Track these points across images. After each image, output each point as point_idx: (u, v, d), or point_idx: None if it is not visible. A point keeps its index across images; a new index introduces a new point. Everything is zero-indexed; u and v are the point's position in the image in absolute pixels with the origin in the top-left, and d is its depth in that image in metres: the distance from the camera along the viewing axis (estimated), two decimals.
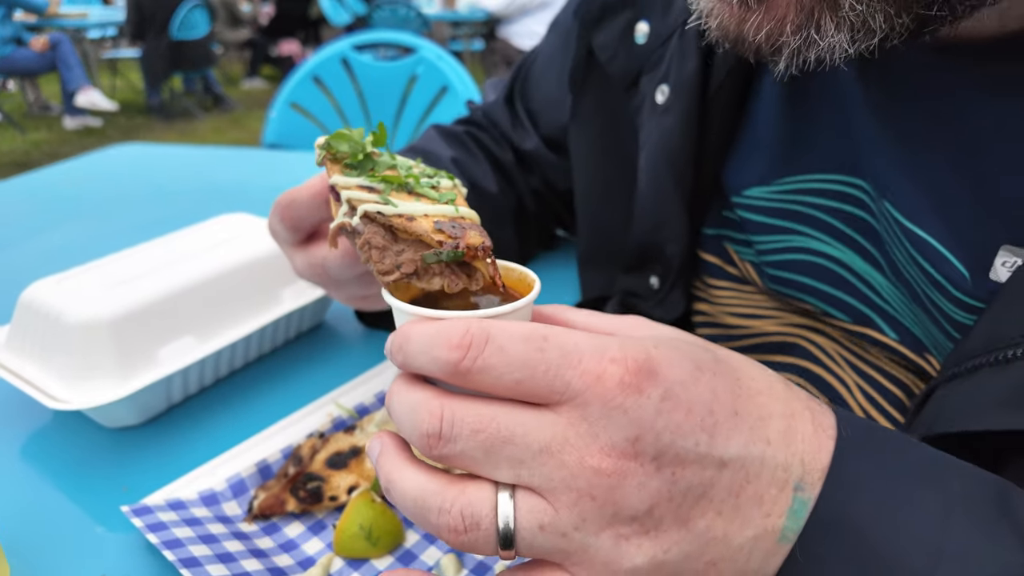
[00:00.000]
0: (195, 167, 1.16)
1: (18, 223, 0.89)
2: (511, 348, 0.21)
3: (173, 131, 4.71)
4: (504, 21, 4.88)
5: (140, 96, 5.59)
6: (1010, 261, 0.31)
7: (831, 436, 0.22)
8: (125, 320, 0.45)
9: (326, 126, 1.39)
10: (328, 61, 1.38)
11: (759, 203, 0.42)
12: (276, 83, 6.39)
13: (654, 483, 0.20)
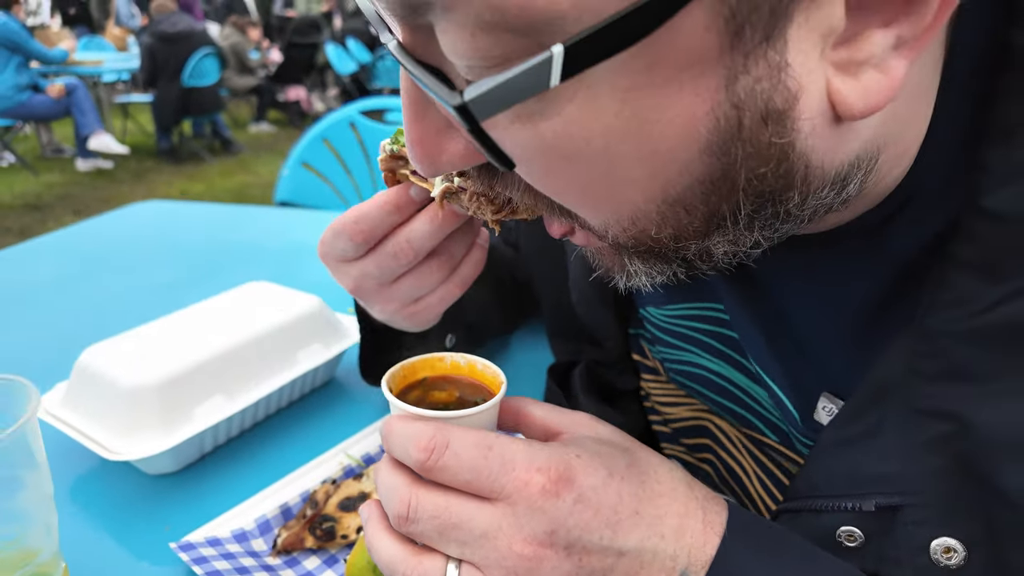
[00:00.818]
0: (213, 224, 1.26)
1: (50, 278, 0.98)
2: (463, 454, 0.30)
3: (181, 174, 4.85)
4: None
5: (150, 139, 5.75)
6: (828, 407, 0.37)
7: (718, 532, 0.30)
8: (168, 384, 0.53)
9: (334, 183, 1.49)
10: (337, 124, 1.49)
11: (656, 321, 0.49)
12: (282, 127, 6.59)
13: (565, 566, 0.28)
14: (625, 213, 0.27)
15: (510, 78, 0.20)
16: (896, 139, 0.28)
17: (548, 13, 0.19)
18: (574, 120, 0.22)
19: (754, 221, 0.27)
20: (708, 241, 0.28)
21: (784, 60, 0.21)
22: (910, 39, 0.22)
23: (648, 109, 0.22)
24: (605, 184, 0.25)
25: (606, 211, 0.27)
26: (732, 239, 0.28)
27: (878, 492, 0.31)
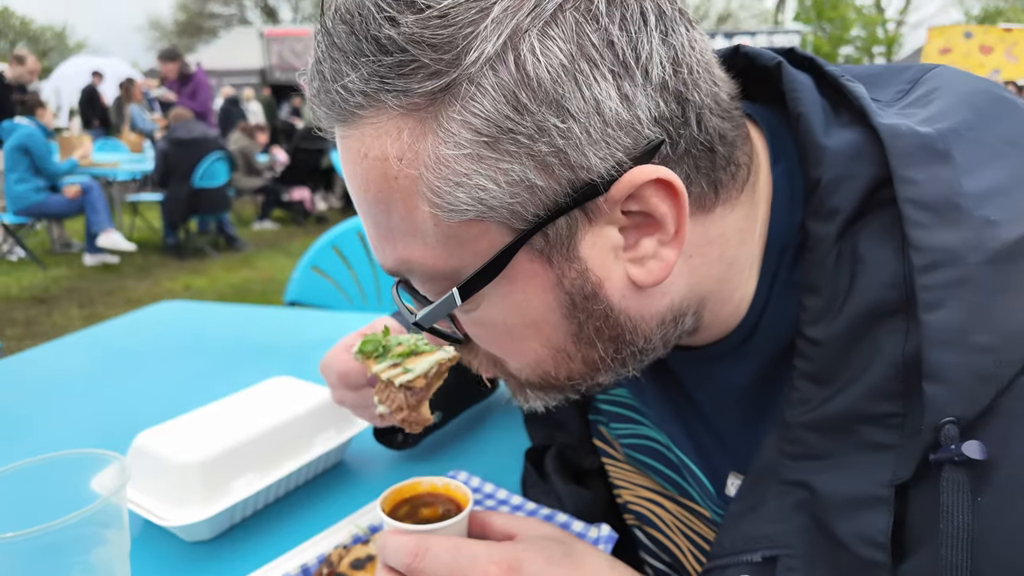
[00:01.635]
0: (229, 323, 1.39)
1: (86, 371, 1.09)
2: (440, 556, 0.44)
3: (185, 269, 5.04)
4: None
5: (157, 235, 6.00)
6: (735, 483, 0.47)
7: None
8: (210, 463, 0.65)
9: (341, 286, 1.64)
10: (346, 233, 1.67)
11: (614, 399, 0.60)
12: (285, 225, 6.88)
13: None
14: (530, 360, 0.43)
15: (436, 306, 0.40)
16: (718, 289, 0.43)
17: (447, 274, 0.38)
18: (484, 312, 0.40)
19: (621, 360, 0.43)
20: (594, 378, 0.44)
21: (585, 266, 0.38)
22: (669, 240, 0.38)
23: (520, 301, 0.39)
24: (514, 342, 0.42)
25: (519, 359, 0.43)
26: (612, 374, 0.44)
27: (763, 547, 0.40)
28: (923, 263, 0.34)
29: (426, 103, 0.34)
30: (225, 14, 30.57)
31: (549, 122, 0.33)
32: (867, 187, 0.38)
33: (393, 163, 0.35)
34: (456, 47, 0.32)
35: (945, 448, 0.32)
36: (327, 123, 0.38)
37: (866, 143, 0.38)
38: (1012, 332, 0.33)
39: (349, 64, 0.34)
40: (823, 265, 0.38)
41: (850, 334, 0.37)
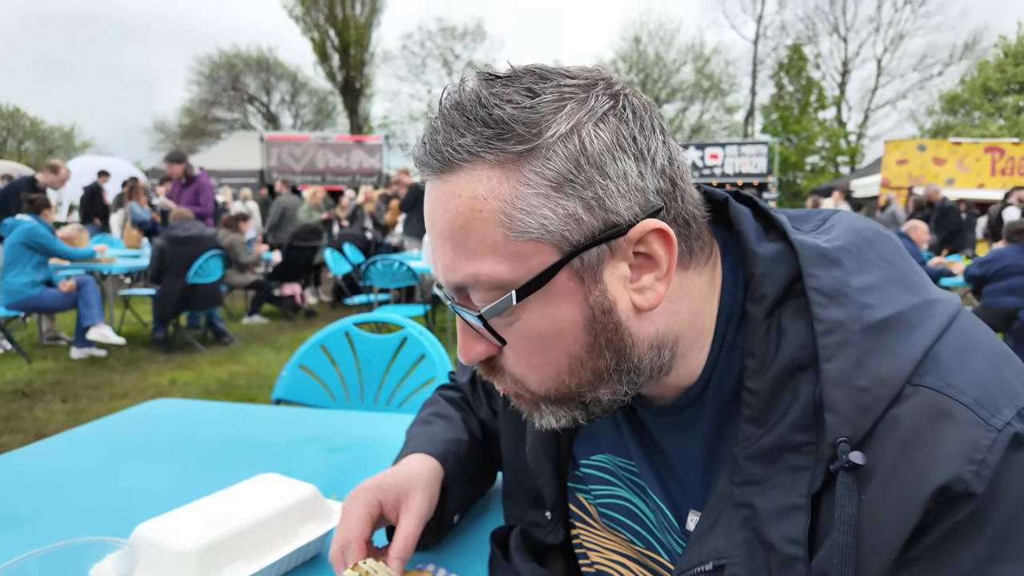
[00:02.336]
0: (218, 421, 1.47)
1: (82, 468, 1.16)
2: None
3: (172, 363, 5.07)
4: None
5: (145, 329, 6.06)
6: (694, 519, 0.58)
7: None
8: (206, 551, 0.72)
9: (328, 385, 1.73)
10: (334, 334, 1.78)
11: (592, 463, 0.71)
12: (274, 319, 6.98)
13: None
14: (550, 370, 0.54)
15: (498, 302, 0.51)
16: (687, 333, 0.56)
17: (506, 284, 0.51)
18: (524, 321, 0.52)
19: (619, 374, 0.54)
20: (597, 390, 0.55)
21: (605, 288, 0.51)
22: (662, 277, 0.52)
23: (554, 312, 0.52)
24: (541, 351, 0.54)
25: (541, 370, 0.55)
26: (611, 389, 0.55)
27: (713, 558, 0.52)
28: (821, 330, 0.49)
29: (513, 159, 0.49)
30: (228, 119, 32.12)
31: (595, 179, 0.49)
32: (785, 281, 0.53)
33: (480, 199, 0.50)
34: (540, 127, 0.49)
35: (840, 460, 0.46)
36: (427, 174, 0.53)
37: (785, 252, 0.55)
38: (881, 378, 0.46)
39: (459, 133, 0.50)
40: (757, 334, 0.53)
41: (777, 384, 0.51)
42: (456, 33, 29.84)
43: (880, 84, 26.90)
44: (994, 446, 0.43)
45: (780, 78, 26.35)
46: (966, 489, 0.43)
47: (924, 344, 0.48)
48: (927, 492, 0.43)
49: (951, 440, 0.44)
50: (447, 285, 0.55)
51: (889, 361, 0.47)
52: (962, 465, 0.43)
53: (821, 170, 25.56)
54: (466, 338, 0.57)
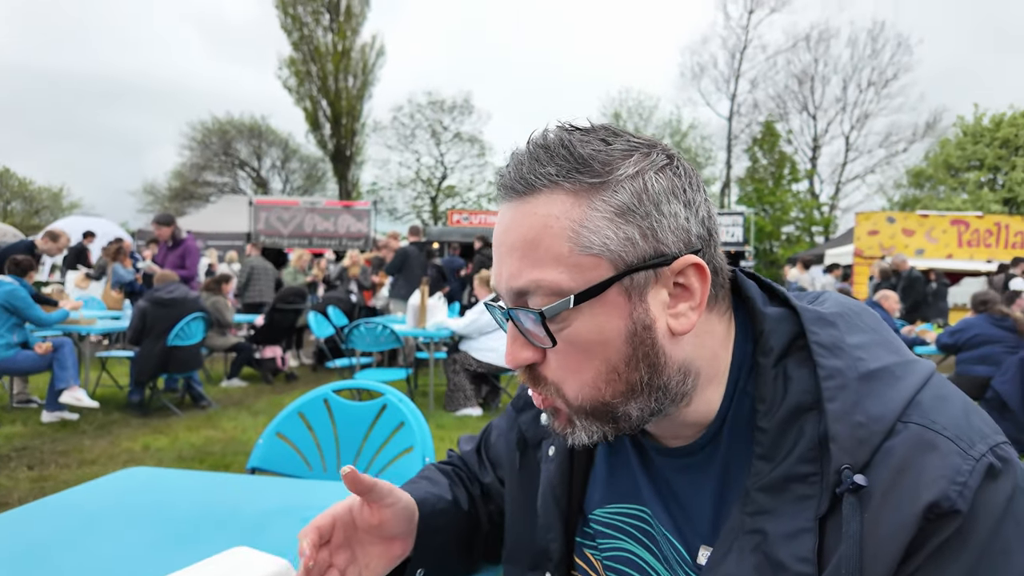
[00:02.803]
0: (191, 491, 1.45)
1: (52, 539, 1.14)
2: None
3: (147, 427, 4.95)
4: (465, 338, 5.63)
5: (120, 392, 5.93)
6: (705, 554, 0.63)
7: None
8: None
9: (304, 453, 1.73)
10: (313, 401, 1.79)
11: (601, 518, 0.75)
12: (253, 383, 6.88)
13: None
14: (589, 378, 0.60)
15: (559, 303, 0.58)
16: (706, 369, 0.64)
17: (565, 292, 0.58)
18: (573, 328, 0.59)
19: (650, 390, 0.61)
20: (629, 403, 0.61)
21: (648, 307, 0.59)
22: (695, 307, 0.61)
23: (602, 321, 0.59)
24: (587, 356, 0.60)
25: (581, 377, 0.60)
26: (640, 404, 0.61)
27: None
28: (824, 375, 0.57)
29: (587, 189, 0.59)
30: (218, 183, 32.54)
31: (652, 213, 0.59)
32: (789, 338, 0.62)
33: (553, 218, 0.59)
34: (612, 166, 0.60)
35: (845, 483, 0.53)
36: (509, 197, 0.62)
37: (788, 314, 0.64)
38: (875, 416, 0.55)
39: (542, 164, 0.60)
40: (766, 381, 0.61)
41: (785, 423, 0.58)
42: (445, 106, 30.83)
43: (849, 159, 28.14)
44: (974, 472, 0.51)
45: (754, 152, 27.51)
46: (952, 507, 0.50)
47: (909, 392, 0.56)
48: (919, 508, 0.50)
49: (937, 466, 0.52)
50: (509, 291, 0.62)
51: (881, 403, 0.55)
52: (948, 486, 0.50)
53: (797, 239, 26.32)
54: (515, 345, 0.63)
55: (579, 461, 0.78)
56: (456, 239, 13.03)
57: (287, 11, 24.10)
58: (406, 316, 6.22)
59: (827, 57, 27.55)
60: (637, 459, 0.72)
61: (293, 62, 24.45)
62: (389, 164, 31.68)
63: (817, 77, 27.73)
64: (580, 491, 0.77)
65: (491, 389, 5.86)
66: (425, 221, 31.32)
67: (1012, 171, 21.73)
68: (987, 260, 11.58)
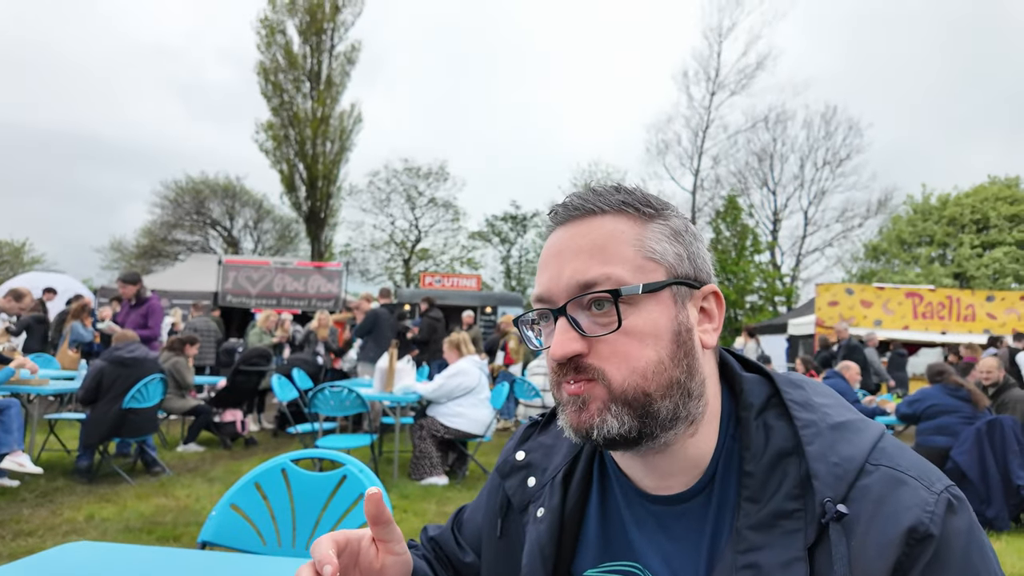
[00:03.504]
0: (136, 568, 1.39)
1: None
2: None
3: (93, 495, 4.69)
4: (433, 403, 5.56)
5: (67, 457, 5.64)
6: None
7: None
8: None
9: (259, 528, 1.68)
10: (270, 471, 1.75)
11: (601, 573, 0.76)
12: (211, 448, 6.61)
13: None
14: (640, 364, 0.66)
15: (630, 287, 0.67)
16: (711, 403, 0.72)
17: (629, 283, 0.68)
18: (633, 316, 0.67)
19: (681, 391, 0.68)
20: (663, 400, 0.67)
21: (688, 315, 0.70)
22: (714, 329, 0.73)
23: (656, 316, 0.68)
24: (640, 345, 0.67)
25: (631, 363, 0.67)
26: (670, 404, 0.67)
27: None
28: (800, 425, 0.67)
29: (644, 217, 0.72)
30: (188, 241, 32.25)
31: (693, 243, 0.74)
32: (765, 397, 0.72)
33: (619, 231, 0.70)
34: (662, 205, 0.74)
35: (829, 513, 0.60)
36: (572, 217, 0.72)
37: (761, 379, 0.75)
38: (847, 457, 0.64)
39: (605, 196, 0.72)
40: (750, 432, 0.69)
41: (770, 467, 0.66)
42: (420, 173, 31.45)
43: (808, 233, 29.38)
44: (938, 503, 0.60)
45: (718, 224, 28.53)
46: (927, 531, 0.58)
47: (871, 440, 0.66)
48: (902, 530, 0.59)
49: (910, 497, 0.61)
50: (574, 286, 0.69)
51: (851, 447, 0.65)
52: (921, 513, 0.59)
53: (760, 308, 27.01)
54: (565, 338, 0.68)
55: (570, 521, 0.79)
56: None
57: (268, 78, 24.64)
58: (373, 380, 6.13)
59: (784, 137, 29.26)
60: (629, 515, 0.75)
61: (271, 126, 24.81)
62: (363, 226, 31.92)
63: (776, 155, 29.33)
64: (569, 553, 0.78)
65: (458, 456, 5.74)
66: (397, 283, 31.32)
67: (959, 247, 22.91)
68: (941, 332, 12.02)
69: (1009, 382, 5.78)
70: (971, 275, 21.62)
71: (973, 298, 12.48)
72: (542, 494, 0.81)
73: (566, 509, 0.79)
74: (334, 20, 24.93)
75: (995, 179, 24.29)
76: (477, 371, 5.58)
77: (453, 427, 5.40)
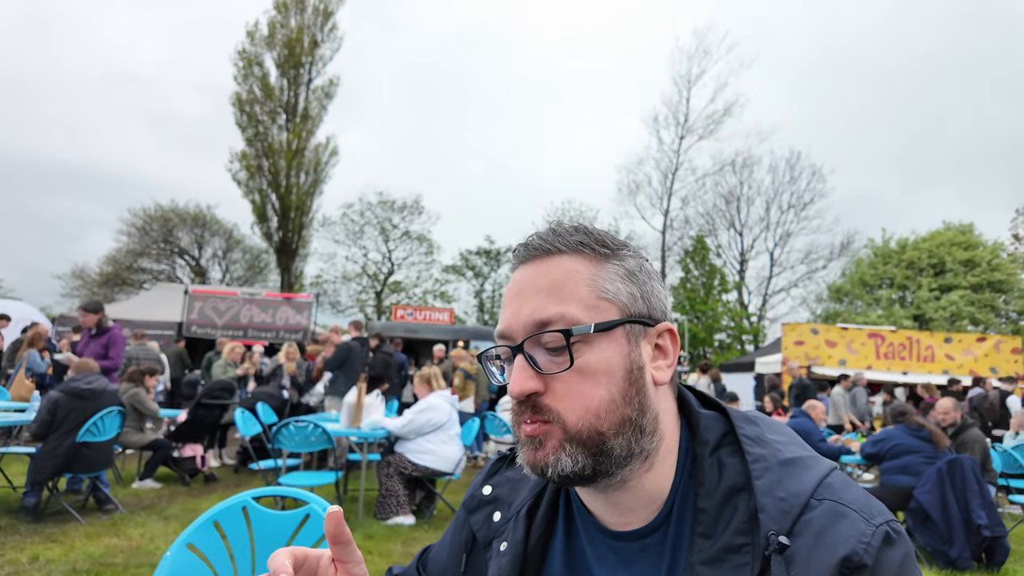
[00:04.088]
0: None
1: None
2: None
3: (39, 535, 4.45)
4: (402, 439, 5.46)
5: (12, 494, 5.36)
6: None
7: None
8: None
9: (216, 569, 1.62)
10: (230, 509, 1.70)
11: None
12: (168, 484, 6.35)
13: None
14: (593, 404, 0.68)
15: (582, 327, 0.69)
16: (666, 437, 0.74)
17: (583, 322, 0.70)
18: (587, 356, 0.69)
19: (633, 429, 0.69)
20: (616, 439, 0.68)
21: (641, 353, 0.72)
22: (668, 366, 0.75)
23: (608, 355, 0.70)
24: (592, 383, 0.69)
25: (584, 403, 0.68)
26: (623, 442, 0.68)
27: None
28: (751, 460, 0.69)
29: (601, 257, 0.74)
30: (155, 270, 31.55)
31: (647, 282, 0.75)
32: (721, 433, 0.74)
33: (575, 270, 0.72)
34: (618, 245, 0.76)
35: (772, 544, 0.63)
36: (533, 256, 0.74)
37: (718, 416, 0.77)
38: (794, 492, 0.66)
39: (564, 236, 0.74)
40: (704, 468, 0.71)
41: (722, 503, 0.68)
42: (395, 206, 31.55)
43: (774, 273, 30.22)
44: (875, 535, 0.63)
45: (687, 263, 29.15)
46: (860, 561, 0.61)
47: (819, 476, 0.68)
48: (836, 560, 0.61)
49: (847, 529, 0.63)
50: (531, 324, 0.71)
51: (798, 483, 0.67)
52: (856, 544, 0.62)
53: (728, 347, 27.39)
54: (523, 375, 0.70)
55: (533, 556, 0.80)
56: (399, 334, 12.90)
57: (243, 109, 24.64)
58: (340, 415, 6.01)
59: (751, 181, 30.34)
60: (592, 551, 0.76)
61: (245, 156, 24.69)
62: (335, 258, 31.71)
63: (742, 198, 30.34)
64: None
65: (426, 495, 5.62)
66: (368, 315, 30.99)
67: (918, 290, 23.70)
68: (903, 372, 12.33)
69: (967, 422, 5.94)
70: (930, 317, 22.34)
71: (932, 339, 12.88)
72: (506, 528, 0.82)
73: (529, 543, 0.79)
74: (312, 54, 25.21)
75: (950, 225, 25.36)
76: (448, 406, 5.51)
77: (421, 464, 5.30)
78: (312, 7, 25.21)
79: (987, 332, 20.18)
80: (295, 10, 25.06)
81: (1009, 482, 6.15)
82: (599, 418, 0.68)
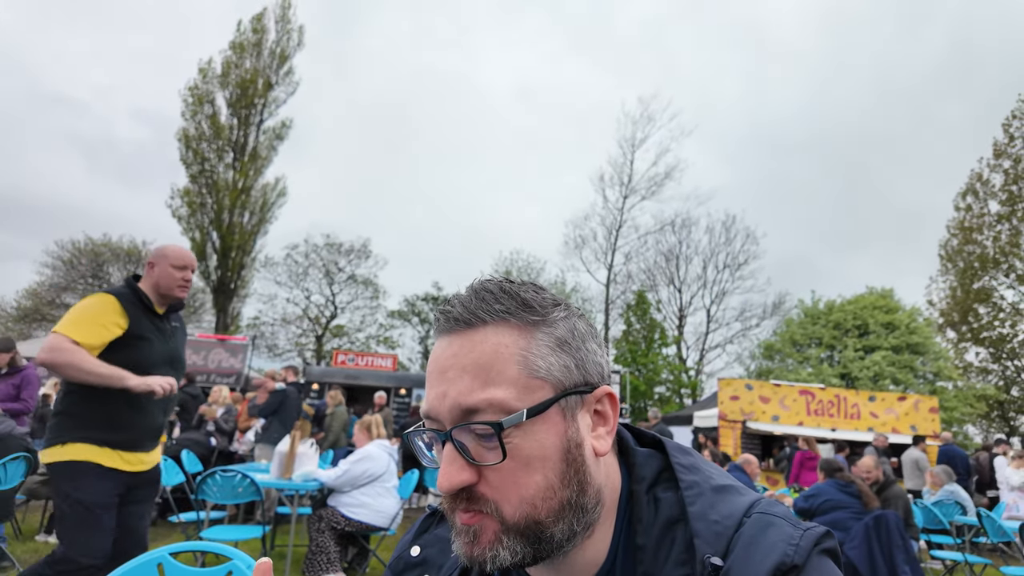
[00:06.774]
0: None
1: None
2: None
3: None
4: (335, 492, 5.23)
5: None
6: None
7: None
8: None
9: None
10: (143, 566, 1.58)
11: None
12: None
13: None
14: (528, 493, 0.65)
15: (511, 417, 0.65)
16: (606, 498, 0.72)
17: (513, 410, 0.66)
18: (519, 442, 0.65)
19: (573, 510, 0.67)
20: (557, 525, 0.66)
21: (578, 427, 0.69)
22: (608, 432, 0.72)
23: (543, 438, 0.66)
24: (528, 471, 0.65)
25: (519, 492, 0.65)
26: (565, 526, 0.66)
27: None
28: (684, 487, 0.70)
29: (530, 325, 0.69)
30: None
31: (581, 347, 0.71)
32: (657, 470, 0.75)
33: (503, 345, 0.67)
34: (547, 309, 0.71)
35: (707, 567, 0.63)
36: (456, 328, 0.69)
37: (654, 452, 0.77)
38: (726, 514, 0.67)
39: (489, 303, 0.69)
40: (642, 506, 0.71)
41: (660, 537, 0.68)
42: (342, 249, 31.09)
43: (711, 329, 31.25)
44: (804, 537, 0.64)
45: (629, 317, 29.80)
46: (792, 562, 0.62)
47: (749, 501, 0.69)
48: (768, 568, 0.62)
49: (776, 535, 0.64)
50: (457, 410, 0.66)
51: (730, 506, 0.68)
52: (785, 548, 0.63)
53: (668, 399, 27.87)
54: (453, 467, 0.66)
55: None
56: (339, 380, 12.52)
57: (190, 146, 24.10)
58: (271, 464, 5.73)
59: (689, 240, 31.58)
60: None
61: (188, 192, 24.02)
62: (276, 299, 30.76)
63: (681, 256, 31.50)
64: None
65: (359, 552, 5.36)
66: (307, 360, 29.99)
67: (844, 350, 24.90)
68: (831, 428, 12.80)
69: (890, 479, 6.18)
70: (855, 376, 23.40)
71: (857, 397, 13.47)
72: None
73: None
74: (266, 96, 25.09)
75: (872, 289, 26.97)
76: (386, 456, 5.33)
77: (355, 519, 5.07)
78: (269, 50, 25.28)
79: (907, 391, 21.31)
80: (251, 52, 25.02)
81: (930, 537, 6.39)
82: (535, 507, 0.65)
